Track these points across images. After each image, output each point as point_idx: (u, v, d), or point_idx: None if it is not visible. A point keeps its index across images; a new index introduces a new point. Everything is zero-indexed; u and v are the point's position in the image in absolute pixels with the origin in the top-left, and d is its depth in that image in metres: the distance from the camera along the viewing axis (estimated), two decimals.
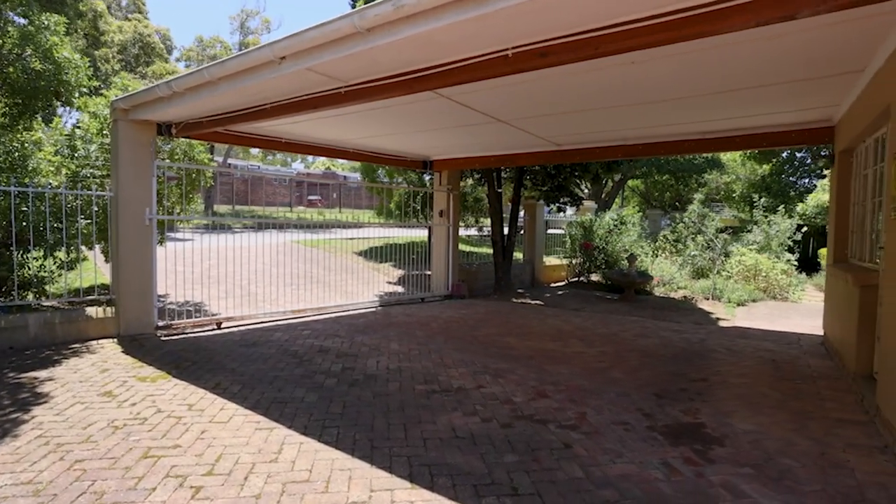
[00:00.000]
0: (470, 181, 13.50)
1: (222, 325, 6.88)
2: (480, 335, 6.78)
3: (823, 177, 16.47)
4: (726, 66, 4.32)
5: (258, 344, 6.00)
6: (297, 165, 51.25)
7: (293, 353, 5.62)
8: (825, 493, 2.87)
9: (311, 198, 34.69)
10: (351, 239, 12.94)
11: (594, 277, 12.69)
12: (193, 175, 7.43)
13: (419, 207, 10.79)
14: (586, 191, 19.10)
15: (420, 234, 15.26)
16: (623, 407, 4.18)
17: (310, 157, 43.48)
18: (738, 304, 9.75)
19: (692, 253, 11.71)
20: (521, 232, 12.65)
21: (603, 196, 21.42)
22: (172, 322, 6.53)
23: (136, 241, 6.15)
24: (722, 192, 23.48)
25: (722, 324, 8.10)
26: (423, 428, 3.68)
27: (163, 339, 6.16)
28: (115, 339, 6.00)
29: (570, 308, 9.30)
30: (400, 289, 10.58)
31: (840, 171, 5.92)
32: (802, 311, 9.54)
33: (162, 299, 6.92)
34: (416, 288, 9.94)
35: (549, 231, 17.73)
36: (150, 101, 5.48)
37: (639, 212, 16.62)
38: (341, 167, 46.89)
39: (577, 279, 12.78)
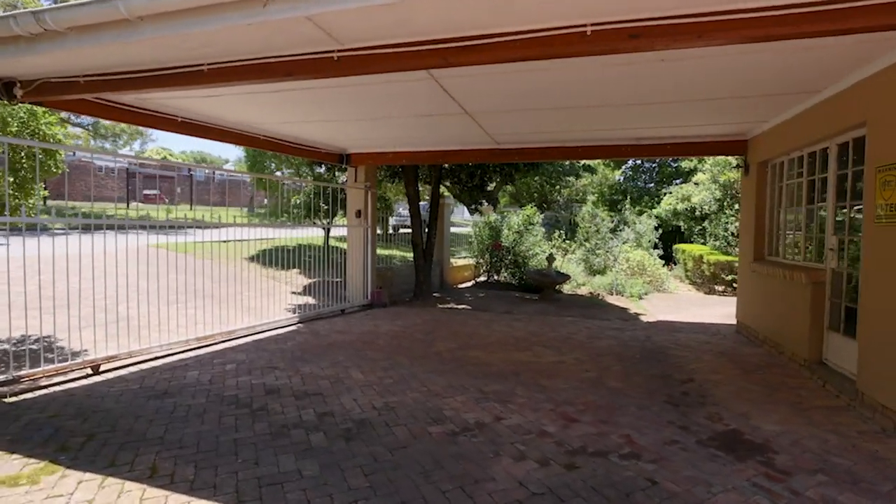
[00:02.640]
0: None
1: (101, 369, 5.03)
2: (442, 351, 6.10)
3: (670, 183, 19.17)
4: (680, 78, 4.40)
5: (173, 392, 4.47)
6: (125, 152, 42.75)
7: (234, 401, 4.28)
8: None
9: (147, 192, 29.21)
10: (236, 241, 10.95)
11: (499, 277, 12.80)
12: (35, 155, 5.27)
13: (327, 206, 9.55)
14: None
15: (332, 236, 13.73)
16: (653, 421, 3.97)
17: (143, 144, 36.69)
18: (639, 298, 10.66)
19: (596, 251, 12.52)
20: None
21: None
22: (20, 374, 4.54)
23: None
24: (581, 194, 26.11)
25: (644, 318, 8.69)
26: (486, 489, 2.94)
27: (9, 401, 4.21)
28: None
29: (501, 311, 9.11)
30: (310, 299, 9.22)
31: (758, 181, 6.66)
32: (688, 301, 10.83)
33: None
34: (330, 298, 8.73)
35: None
36: None
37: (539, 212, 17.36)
38: (184, 157, 40.56)
39: (486, 279, 12.74)
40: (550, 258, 10.40)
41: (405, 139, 7.58)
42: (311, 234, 13.98)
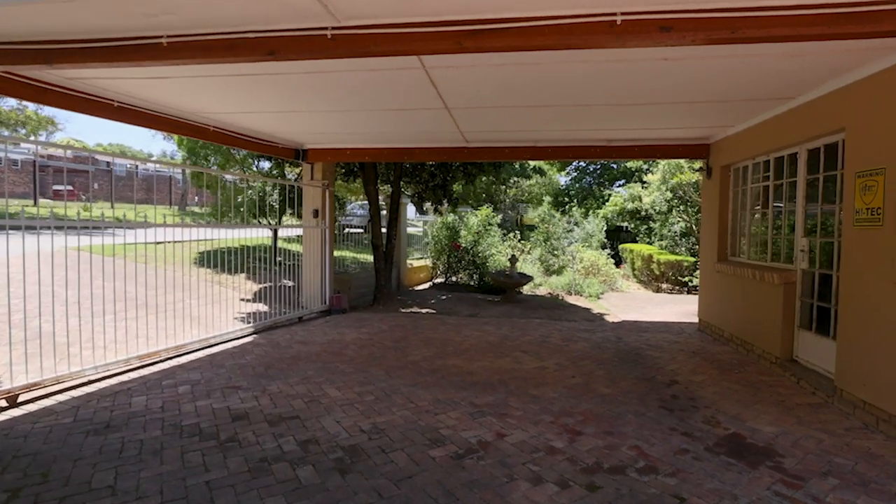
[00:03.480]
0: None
1: (20, 401, 4.22)
2: (418, 360, 5.75)
3: (613, 184, 19.86)
4: (666, 80, 4.38)
5: (118, 425, 3.80)
6: (29, 145, 38.12)
7: (196, 431, 3.70)
8: None
9: (58, 188, 26.13)
10: (173, 243, 9.90)
11: (456, 278, 12.57)
12: None
13: (277, 205, 8.85)
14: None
15: (281, 237, 12.77)
16: (655, 429, 3.87)
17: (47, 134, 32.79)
18: (597, 297, 10.83)
19: (555, 252, 12.60)
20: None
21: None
22: None
23: None
24: (527, 195, 26.54)
25: (608, 319, 8.78)
26: None
27: None
28: None
29: (467, 314, 8.87)
30: (263, 307, 8.49)
31: (722, 184, 6.87)
32: (643, 300, 11.15)
33: None
34: (285, 304, 8.09)
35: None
36: None
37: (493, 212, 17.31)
38: (102, 150, 36.81)
39: (444, 281, 12.46)
40: (513, 259, 10.32)
41: (370, 135, 7.13)
42: (256, 235, 13.03)
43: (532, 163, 20.64)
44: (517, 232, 15.81)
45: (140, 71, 4.16)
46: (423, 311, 9.20)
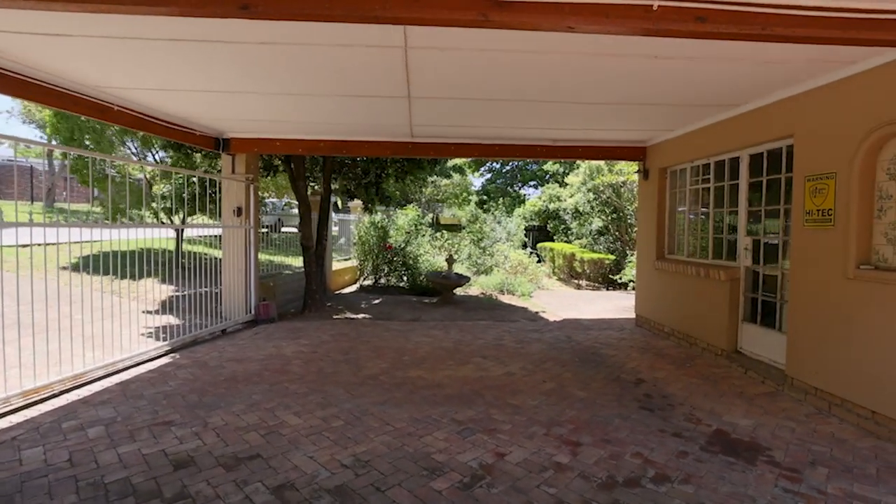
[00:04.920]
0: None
1: None
2: (377, 374, 5.23)
3: (526, 184, 20.52)
4: (608, 81, 4.42)
5: (9, 494, 2.87)
6: None
7: (129, 491, 2.90)
8: (888, 468, 3.20)
9: None
10: (46, 245, 8.17)
11: (386, 280, 12.03)
12: None
13: (184, 202, 7.67)
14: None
15: (193, 238, 11.07)
16: (648, 433, 3.80)
17: None
18: (529, 296, 10.97)
19: (486, 251, 12.54)
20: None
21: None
22: None
23: None
24: (443, 194, 26.55)
25: (549, 317, 8.87)
26: None
27: None
28: None
29: (408, 318, 8.44)
30: (173, 319, 7.29)
31: (659, 185, 7.22)
32: (571, 297, 11.52)
33: None
34: (200, 314, 7.01)
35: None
36: None
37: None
38: None
39: (373, 283, 11.84)
40: (450, 260, 10.06)
41: (309, 125, 6.40)
42: (157, 236, 11.33)
43: (453, 162, 20.66)
44: (436, 232, 15.64)
45: (34, 20, 3.19)
46: (360, 316, 8.58)
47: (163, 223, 9.82)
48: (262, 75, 4.40)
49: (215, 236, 13.01)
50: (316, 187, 10.17)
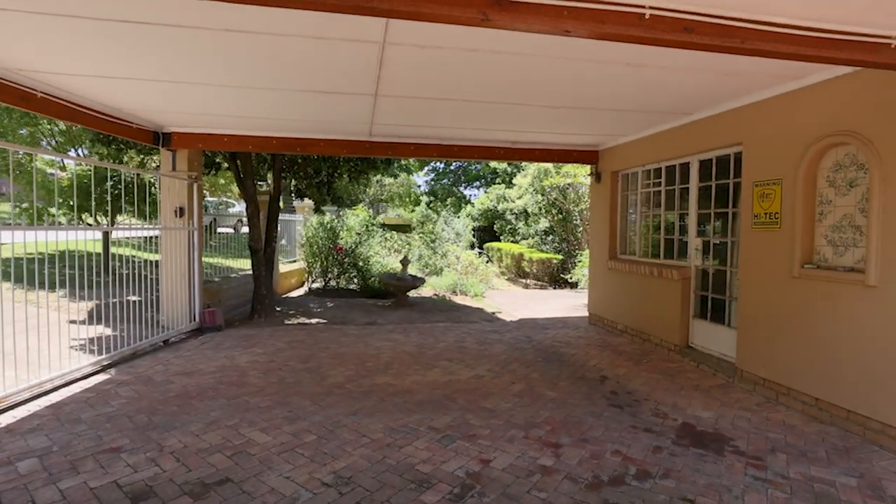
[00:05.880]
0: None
1: None
2: (342, 382, 5.03)
3: (470, 185, 20.72)
4: (581, 85, 4.52)
5: None
6: None
7: None
8: (835, 450, 3.48)
9: None
10: None
11: (336, 283, 11.65)
12: None
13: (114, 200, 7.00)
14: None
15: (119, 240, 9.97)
16: (621, 430, 3.91)
17: None
18: (482, 296, 11.05)
19: (438, 252, 12.45)
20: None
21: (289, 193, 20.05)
22: None
23: None
24: (387, 194, 26.19)
25: (505, 318, 8.96)
26: None
27: None
28: None
29: (364, 322, 8.20)
30: (105, 330, 6.59)
31: (612, 188, 7.50)
32: (522, 297, 11.73)
33: None
34: (135, 324, 6.39)
35: (245, 230, 15.38)
36: None
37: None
38: None
39: (322, 286, 11.41)
40: (405, 262, 9.89)
41: (263, 121, 6.03)
42: (79, 238, 10.23)
43: (401, 161, 20.43)
44: (385, 233, 15.40)
45: None
46: (314, 321, 8.24)
47: (88, 225, 8.88)
48: (218, 66, 4.07)
49: (146, 238, 11.99)
50: (263, 186, 9.66)
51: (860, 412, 3.78)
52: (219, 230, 18.17)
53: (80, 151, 9.61)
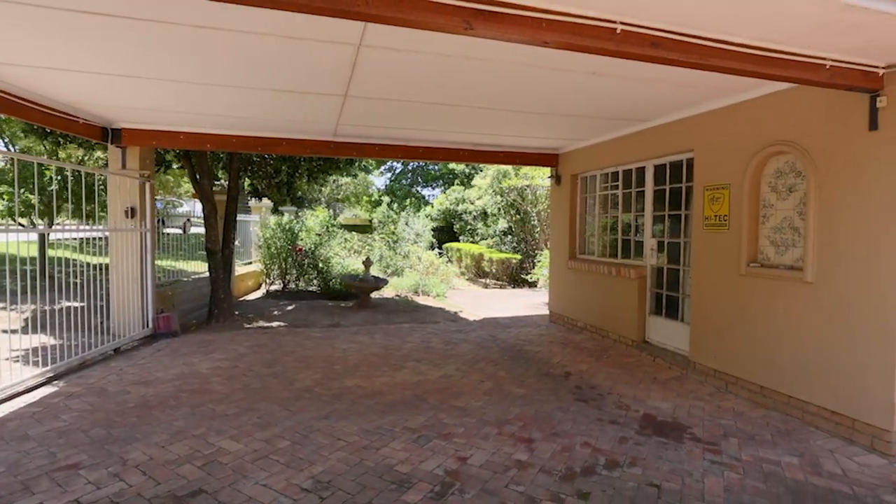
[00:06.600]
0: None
1: None
2: (311, 386, 4.96)
3: (432, 186, 20.80)
4: (546, 92, 4.70)
5: None
6: None
7: None
8: (779, 433, 3.80)
9: None
10: None
11: (295, 285, 11.38)
12: None
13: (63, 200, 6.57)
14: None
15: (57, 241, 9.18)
16: (589, 423, 4.09)
17: None
18: (444, 297, 11.13)
19: (399, 253, 12.39)
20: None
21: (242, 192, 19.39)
22: None
23: None
24: (343, 194, 25.75)
25: (468, 317, 9.08)
26: None
27: None
28: None
29: (328, 324, 8.09)
30: (47, 339, 6.15)
31: (571, 190, 7.77)
32: (483, 297, 11.90)
33: None
34: (82, 332, 6.00)
35: (195, 231, 14.86)
36: None
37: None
38: None
39: (281, 288, 11.11)
40: (367, 263, 9.80)
41: (224, 118, 5.82)
42: (6, 240, 9.44)
43: (362, 161, 20.21)
44: (346, 234, 15.22)
45: None
46: (275, 325, 8.04)
47: (22, 226, 8.22)
48: (180, 62, 3.92)
49: (90, 240, 11.24)
50: (217, 186, 9.29)
51: (799, 397, 4.14)
52: (166, 231, 17.35)
53: (11, 146, 8.89)
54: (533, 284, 13.26)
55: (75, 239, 11.32)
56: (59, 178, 8.47)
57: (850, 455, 3.56)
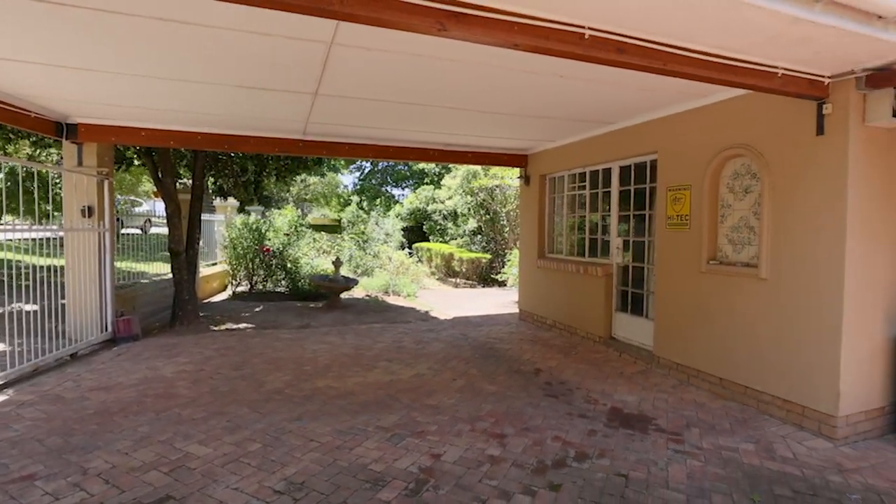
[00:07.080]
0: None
1: None
2: (281, 388, 4.88)
3: (401, 186, 20.75)
4: (514, 93, 4.77)
5: None
6: None
7: None
8: (736, 421, 4.00)
9: None
10: None
11: (263, 286, 11.15)
12: None
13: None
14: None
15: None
16: (559, 417, 4.19)
17: None
18: (414, 296, 11.13)
19: (369, 253, 12.29)
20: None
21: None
22: None
23: None
24: (311, 194, 25.37)
25: (438, 316, 9.11)
26: None
27: None
28: None
29: (297, 325, 7.97)
30: None
31: (540, 191, 7.92)
32: (454, 296, 11.96)
33: None
34: (33, 337, 5.71)
35: (155, 231, 14.38)
36: None
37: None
38: None
39: (248, 289, 10.85)
40: (337, 263, 9.70)
41: (188, 115, 5.65)
42: None
43: (331, 160, 19.92)
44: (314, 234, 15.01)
45: None
46: (242, 326, 7.86)
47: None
48: (143, 56, 3.79)
49: (40, 241, 10.67)
50: (180, 185, 9.00)
51: (754, 388, 4.37)
52: (124, 231, 16.66)
53: None
54: (503, 283, 13.42)
55: (27, 240, 10.74)
56: (5, 174, 8.02)
57: (800, 440, 3.78)
